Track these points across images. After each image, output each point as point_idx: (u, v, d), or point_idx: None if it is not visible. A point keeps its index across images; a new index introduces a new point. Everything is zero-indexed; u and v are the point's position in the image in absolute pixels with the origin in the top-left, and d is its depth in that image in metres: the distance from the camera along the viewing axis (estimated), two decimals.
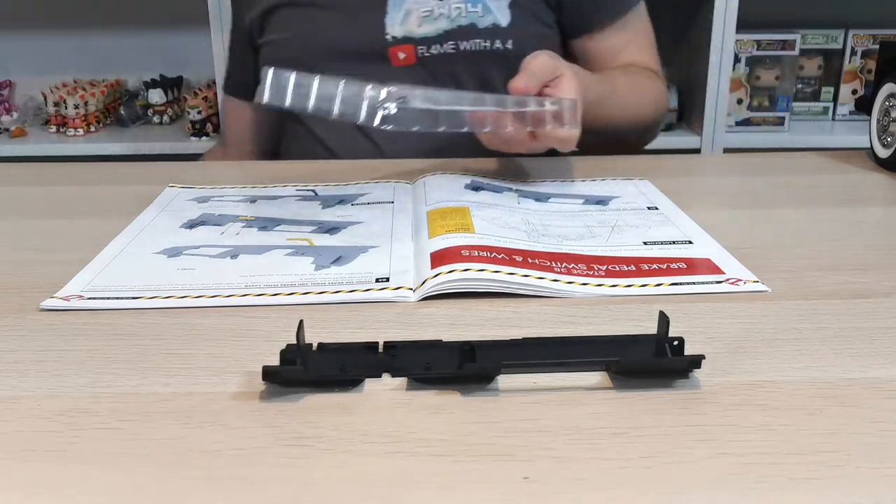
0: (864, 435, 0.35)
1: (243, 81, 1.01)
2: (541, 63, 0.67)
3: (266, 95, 0.61)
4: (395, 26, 0.87)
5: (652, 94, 0.94)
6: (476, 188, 0.69)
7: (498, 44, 0.87)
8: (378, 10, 0.87)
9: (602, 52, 0.93)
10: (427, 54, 0.87)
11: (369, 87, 0.59)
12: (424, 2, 0.86)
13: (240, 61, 1.01)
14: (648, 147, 1.63)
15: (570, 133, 0.67)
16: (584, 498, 0.31)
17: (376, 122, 0.59)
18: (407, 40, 0.87)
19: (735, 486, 0.31)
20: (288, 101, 0.60)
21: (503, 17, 0.87)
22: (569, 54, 0.95)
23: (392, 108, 0.58)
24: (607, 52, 0.93)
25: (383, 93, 0.59)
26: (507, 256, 0.52)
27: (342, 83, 0.60)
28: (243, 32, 0.97)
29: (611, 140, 0.92)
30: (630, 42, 0.95)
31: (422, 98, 0.60)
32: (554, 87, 0.68)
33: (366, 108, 0.59)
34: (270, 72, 0.60)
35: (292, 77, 0.60)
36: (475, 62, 0.87)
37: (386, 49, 0.87)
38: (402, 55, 0.87)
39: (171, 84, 1.84)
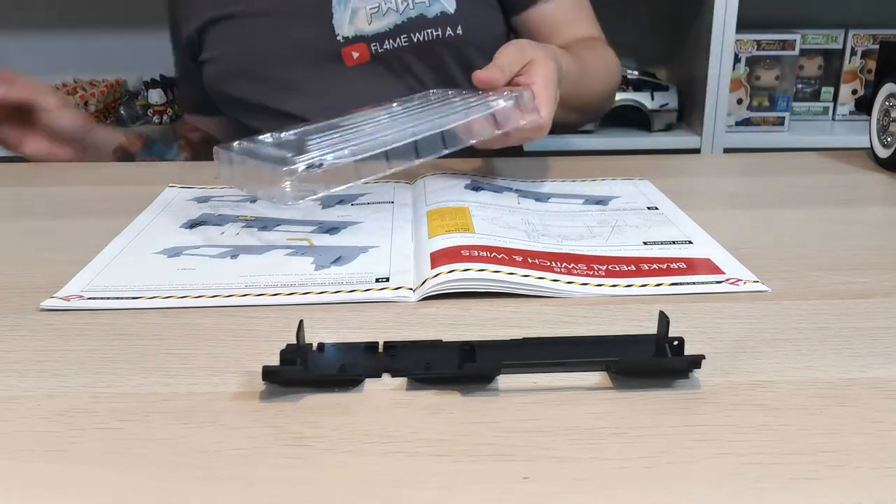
0: (864, 435, 0.35)
1: (196, 101, 0.99)
2: (507, 54, 0.67)
3: (222, 176, 0.62)
4: (344, 26, 0.86)
5: (612, 67, 0.95)
6: (476, 188, 0.69)
7: (449, 31, 0.87)
8: (323, 11, 0.87)
9: (545, 25, 0.93)
10: (381, 51, 0.87)
11: (284, 168, 0.56)
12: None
13: (188, 80, 0.99)
14: (648, 147, 1.64)
15: (534, 124, 0.66)
16: (584, 498, 0.31)
17: (293, 202, 0.56)
18: (359, 39, 0.87)
19: (735, 486, 0.31)
20: (237, 184, 0.62)
21: (449, 5, 0.87)
22: (512, 31, 0.96)
23: (290, 186, 0.56)
24: (551, 24, 0.93)
25: (283, 173, 0.55)
26: (507, 256, 0.52)
27: (255, 164, 0.58)
28: (184, 48, 0.95)
29: (585, 113, 0.93)
30: (571, 13, 0.95)
31: (336, 156, 0.57)
32: (526, 75, 0.67)
33: (282, 196, 0.56)
34: (217, 152, 0.61)
35: (233, 156, 0.61)
36: (429, 52, 0.87)
37: (339, 50, 0.87)
38: (356, 54, 0.87)
39: (171, 84, 1.84)
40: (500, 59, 0.67)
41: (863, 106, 0.83)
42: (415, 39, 0.86)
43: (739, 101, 1.69)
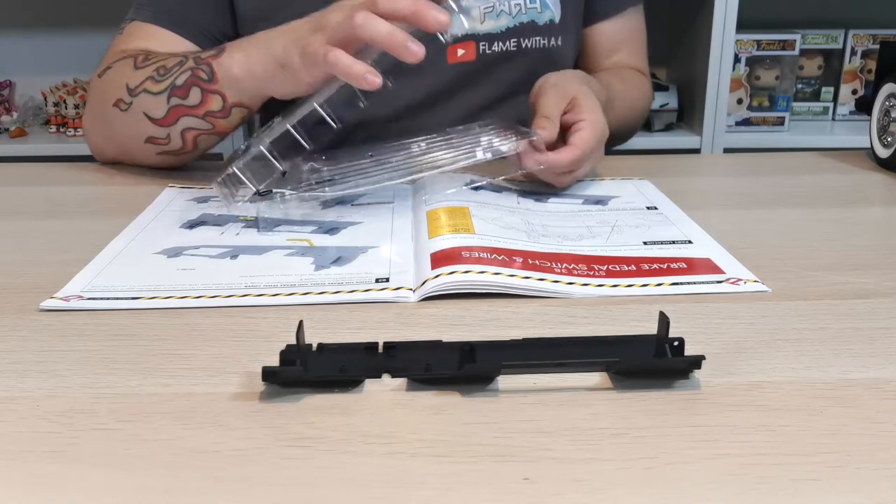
0: (865, 436, 0.35)
1: (185, 14, 0.82)
2: (550, 101, 0.67)
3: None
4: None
5: (643, 100, 0.96)
6: (476, 188, 0.69)
7: (553, 41, 0.86)
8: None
9: (602, 42, 0.94)
10: (489, 52, 0.85)
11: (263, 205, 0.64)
12: None
13: None
14: (648, 147, 1.64)
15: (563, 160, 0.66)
16: (584, 498, 0.31)
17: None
18: (468, 37, 0.84)
19: (735, 488, 0.31)
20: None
21: (557, 13, 0.86)
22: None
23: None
24: (606, 44, 0.94)
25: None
26: (508, 258, 0.52)
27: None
28: None
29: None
30: (628, 37, 0.95)
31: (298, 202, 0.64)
32: (573, 112, 0.68)
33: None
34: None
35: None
36: (531, 60, 0.86)
37: (444, 46, 0.83)
38: (461, 52, 0.84)
39: None
40: (547, 109, 0.66)
41: (863, 106, 0.83)
42: (523, 45, 0.85)
43: (739, 101, 1.69)
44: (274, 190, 0.62)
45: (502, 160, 0.66)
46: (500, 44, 0.85)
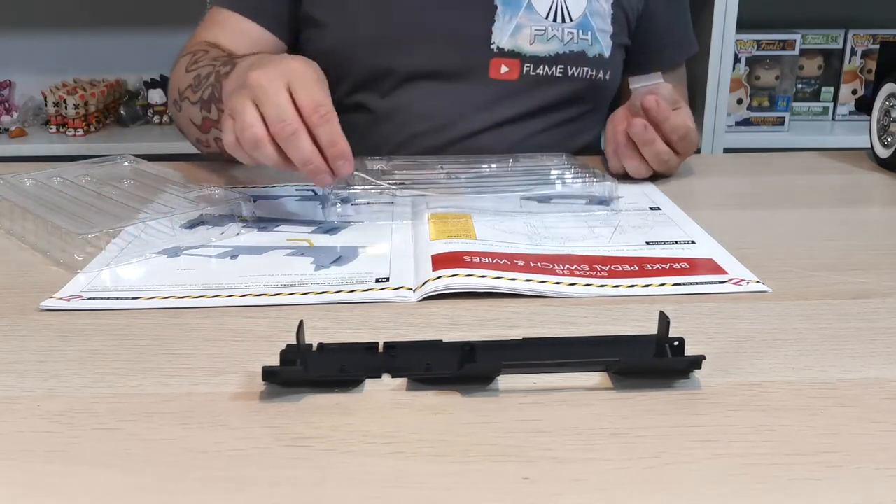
0: (865, 435, 0.35)
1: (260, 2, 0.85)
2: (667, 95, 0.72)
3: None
4: (503, 38, 0.84)
5: None
6: (478, 192, 0.69)
7: (601, 74, 0.87)
8: (486, 14, 0.84)
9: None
10: (533, 73, 0.85)
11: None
12: (538, 20, 0.84)
13: None
14: None
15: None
16: (584, 498, 0.31)
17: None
18: (514, 54, 0.84)
19: (735, 487, 0.31)
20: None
21: (606, 49, 0.87)
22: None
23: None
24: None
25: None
26: (509, 262, 0.52)
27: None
28: None
29: None
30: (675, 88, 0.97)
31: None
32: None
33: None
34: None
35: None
36: (575, 88, 0.87)
37: (488, 59, 0.84)
38: (504, 68, 0.85)
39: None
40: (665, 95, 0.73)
41: (863, 106, 0.83)
42: (569, 73, 0.86)
43: (739, 101, 1.69)
44: (347, 186, 0.65)
45: None
46: (546, 68, 0.85)
